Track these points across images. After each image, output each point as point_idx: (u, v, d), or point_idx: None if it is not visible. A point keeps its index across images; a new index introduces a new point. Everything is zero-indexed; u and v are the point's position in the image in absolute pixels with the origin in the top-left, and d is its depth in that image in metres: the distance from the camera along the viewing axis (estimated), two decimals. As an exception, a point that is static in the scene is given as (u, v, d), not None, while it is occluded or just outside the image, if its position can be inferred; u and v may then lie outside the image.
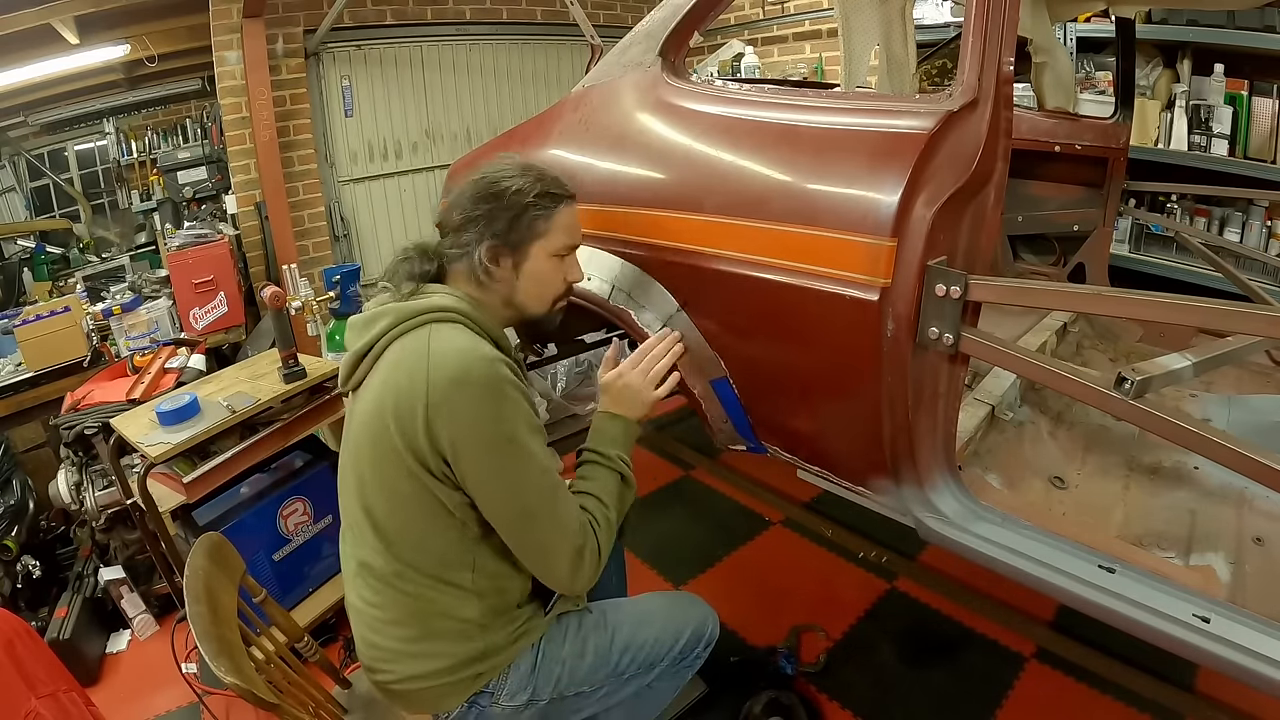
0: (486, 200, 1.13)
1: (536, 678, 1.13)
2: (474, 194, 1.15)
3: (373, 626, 1.11)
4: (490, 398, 1.01)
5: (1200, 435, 0.88)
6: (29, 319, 2.69)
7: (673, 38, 1.47)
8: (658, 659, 1.21)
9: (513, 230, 1.13)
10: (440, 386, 0.99)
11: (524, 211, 1.13)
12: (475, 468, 1.01)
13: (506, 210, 1.13)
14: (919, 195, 1.01)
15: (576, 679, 1.16)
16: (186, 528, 1.84)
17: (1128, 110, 2.21)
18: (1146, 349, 2.03)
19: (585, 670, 1.17)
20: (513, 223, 1.13)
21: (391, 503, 1.06)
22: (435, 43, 3.90)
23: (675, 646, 1.23)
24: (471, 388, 1.00)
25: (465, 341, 1.05)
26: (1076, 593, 1.03)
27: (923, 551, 2.16)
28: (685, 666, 1.26)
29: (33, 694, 1.27)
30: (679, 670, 1.25)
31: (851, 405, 1.17)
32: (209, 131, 3.93)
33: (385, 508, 1.07)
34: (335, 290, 2.64)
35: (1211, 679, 1.62)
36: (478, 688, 1.11)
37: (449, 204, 1.19)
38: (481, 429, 1.01)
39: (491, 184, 1.14)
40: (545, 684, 1.14)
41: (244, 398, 1.90)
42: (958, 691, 1.72)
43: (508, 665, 1.12)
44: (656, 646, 1.22)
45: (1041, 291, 1.23)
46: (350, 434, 1.12)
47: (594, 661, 1.18)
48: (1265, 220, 2.50)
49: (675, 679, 1.26)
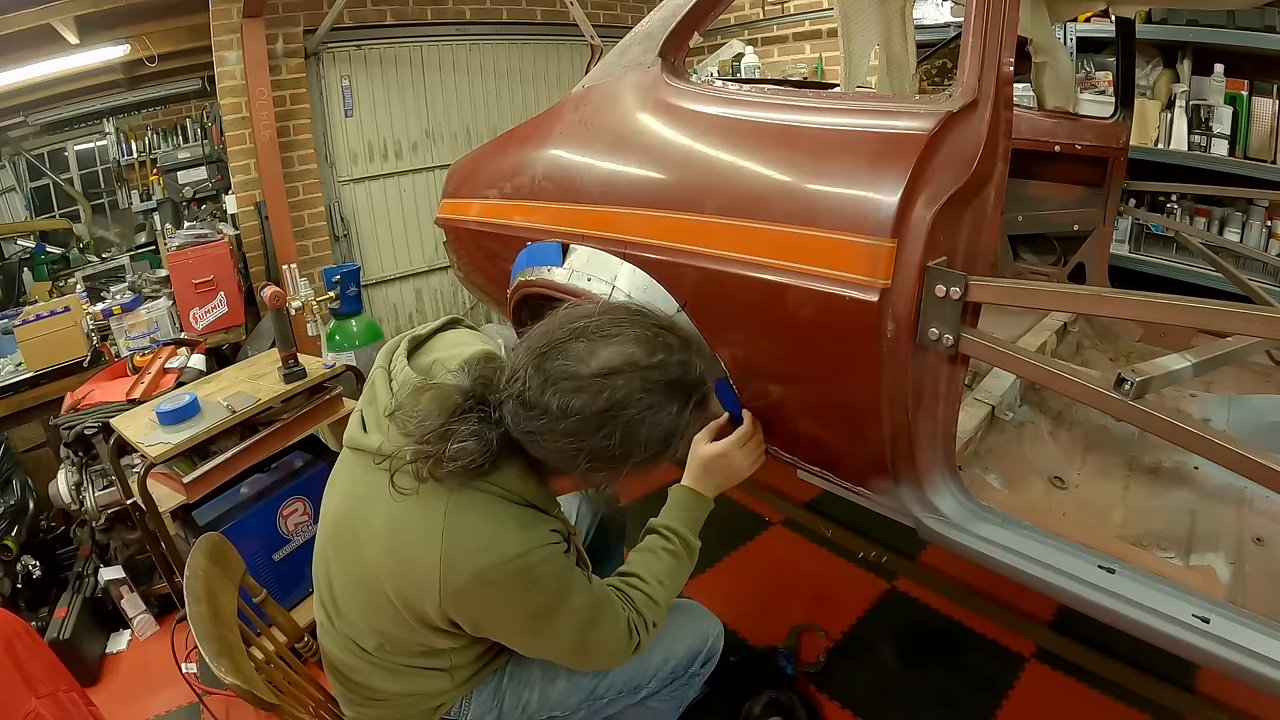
0: (625, 440, 0.85)
1: (502, 701, 1.09)
2: (608, 453, 0.86)
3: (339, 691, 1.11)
4: (517, 590, 0.89)
5: (1200, 436, 0.88)
6: (29, 319, 2.69)
7: (673, 38, 1.47)
8: (643, 681, 1.16)
9: (653, 463, 0.91)
10: (454, 586, 0.87)
11: (678, 442, 0.92)
12: (504, 638, 1.00)
13: (655, 454, 0.89)
14: (919, 196, 1.01)
15: (548, 702, 1.11)
16: (186, 528, 1.84)
17: (1128, 110, 2.21)
18: (1146, 349, 2.03)
19: (557, 694, 1.11)
20: (657, 457, 0.91)
21: (372, 633, 1.01)
22: (435, 43, 3.90)
23: (664, 668, 1.17)
24: (493, 585, 0.88)
25: (487, 531, 0.88)
26: (1076, 593, 1.03)
27: (923, 551, 2.16)
28: (682, 685, 1.20)
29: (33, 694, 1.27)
30: (676, 690, 1.20)
31: (851, 406, 1.17)
32: (209, 131, 3.93)
33: (364, 633, 1.02)
34: (335, 290, 2.64)
35: (1211, 679, 1.62)
36: (438, 717, 1.09)
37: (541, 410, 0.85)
38: (510, 617, 0.94)
39: (633, 419, 0.85)
40: (512, 708, 1.10)
41: (244, 398, 1.90)
42: (958, 691, 1.72)
43: (469, 692, 1.09)
44: (641, 668, 1.15)
45: (1041, 292, 1.23)
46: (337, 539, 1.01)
47: (567, 686, 1.12)
48: (1265, 220, 2.50)
49: (674, 698, 1.21)
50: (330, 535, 1.04)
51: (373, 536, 0.95)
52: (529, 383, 0.86)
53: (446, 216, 1.96)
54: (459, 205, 1.90)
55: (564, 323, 0.90)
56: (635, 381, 0.85)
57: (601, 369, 0.85)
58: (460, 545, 0.87)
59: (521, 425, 0.87)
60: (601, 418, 0.84)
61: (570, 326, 0.89)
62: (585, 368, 0.85)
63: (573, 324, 0.89)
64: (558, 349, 0.87)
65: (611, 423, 0.84)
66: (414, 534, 0.89)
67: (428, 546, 0.87)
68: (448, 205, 1.96)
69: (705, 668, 1.23)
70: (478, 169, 1.88)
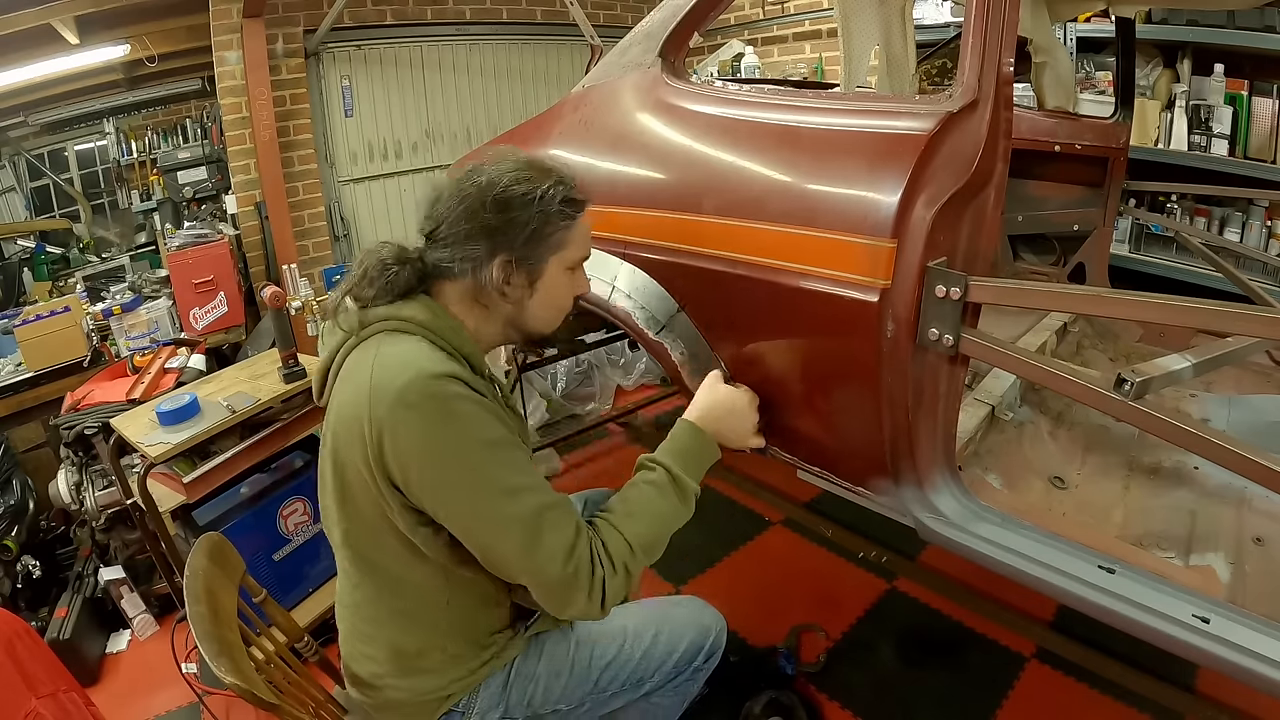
0: (499, 208, 0.97)
1: (509, 695, 1.09)
2: (480, 200, 0.98)
3: (352, 653, 1.11)
4: (436, 417, 0.89)
5: (1200, 436, 0.88)
6: (29, 319, 2.69)
7: (673, 38, 1.47)
8: (646, 675, 1.16)
9: (532, 245, 1.00)
10: (381, 409, 0.89)
11: (546, 223, 1.00)
12: (430, 495, 0.92)
13: (525, 222, 0.98)
14: (919, 196, 1.01)
15: (552, 697, 1.11)
16: (186, 528, 1.85)
17: (1128, 110, 2.21)
18: (1146, 349, 2.03)
19: (561, 688, 1.12)
20: (533, 236, 0.99)
21: (361, 531, 1.00)
22: (435, 43, 3.90)
23: (667, 662, 1.17)
24: (413, 409, 0.88)
25: (410, 354, 0.93)
26: (1076, 593, 1.03)
27: (923, 551, 2.16)
28: (685, 680, 1.20)
29: (33, 694, 1.27)
30: (679, 685, 1.20)
31: (851, 406, 1.17)
32: (209, 131, 3.93)
33: (356, 536, 1.02)
34: (335, 290, 2.64)
35: (1211, 679, 1.62)
36: (447, 707, 1.09)
37: (440, 209, 1.02)
38: (427, 452, 0.90)
39: (504, 189, 0.98)
40: (519, 702, 1.10)
41: (244, 398, 1.90)
42: (958, 692, 1.72)
43: (478, 684, 1.09)
44: (644, 663, 1.16)
45: (1041, 292, 1.23)
46: (321, 455, 1.03)
47: (571, 679, 1.12)
48: (1265, 220, 2.50)
49: (677, 694, 1.21)
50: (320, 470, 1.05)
51: (329, 412, 1.01)
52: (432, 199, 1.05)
53: (446, 216, 1.96)
54: (459, 205, 1.89)
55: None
56: (506, 164, 1.02)
57: (485, 159, 1.03)
58: (384, 370, 0.92)
59: (425, 228, 1.03)
60: (482, 190, 0.98)
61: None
62: (472, 164, 1.04)
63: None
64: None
65: (480, 176, 1.00)
66: (352, 379, 0.96)
67: (360, 383, 0.93)
68: (448, 205, 1.96)
69: (708, 663, 1.22)
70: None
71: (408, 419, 0.89)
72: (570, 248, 1.05)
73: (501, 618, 1.11)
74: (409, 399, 0.89)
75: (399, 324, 0.97)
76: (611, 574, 0.95)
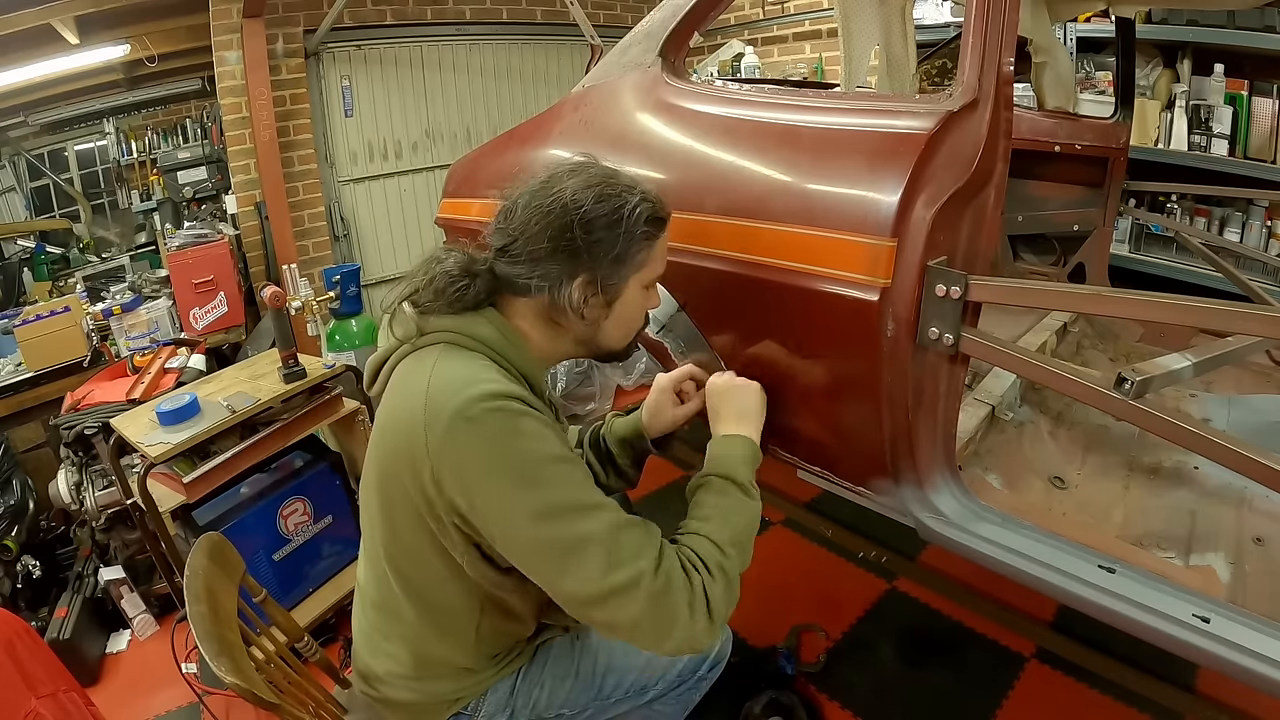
0: (583, 229, 0.92)
1: (515, 699, 1.10)
2: (563, 219, 0.92)
3: (369, 646, 1.11)
4: (500, 432, 0.84)
5: (1200, 435, 0.88)
6: (29, 319, 2.69)
7: (673, 38, 1.47)
8: (650, 683, 1.16)
9: (615, 266, 0.95)
10: (438, 430, 0.84)
11: (631, 243, 0.95)
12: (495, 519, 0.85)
13: (610, 244, 0.94)
14: (919, 196, 1.01)
15: (556, 701, 1.11)
16: (186, 528, 1.84)
17: (1128, 110, 2.21)
18: (1146, 349, 2.03)
19: (565, 693, 1.12)
20: (617, 258, 0.95)
21: (400, 545, 0.98)
22: (435, 43, 3.90)
23: (671, 670, 1.17)
24: (474, 422, 0.83)
25: (470, 373, 0.89)
26: (1076, 593, 1.03)
27: (923, 551, 2.16)
28: (689, 689, 1.20)
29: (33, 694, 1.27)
30: (682, 694, 1.20)
31: (851, 406, 1.17)
32: (209, 131, 3.93)
33: (394, 548, 0.99)
34: (335, 290, 2.64)
35: (1211, 679, 1.62)
36: (455, 710, 1.09)
37: (515, 223, 0.95)
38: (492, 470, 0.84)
39: (588, 209, 0.92)
40: (524, 705, 1.10)
41: (244, 398, 1.90)
42: (958, 691, 1.72)
43: (486, 689, 1.10)
44: (648, 670, 1.15)
45: (1041, 292, 1.23)
46: (367, 456, 1.01)
47: (576, 685, 1.12)
48: (1265, 220, 2.50)
49: (679, 702, 1.21)
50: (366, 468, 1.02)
51: (377, 423, 0.97)
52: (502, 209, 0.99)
53: (447, 216, 1.96)
54: (459, 205, 1.90)
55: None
56: (582, 171, 0.97)
57: (559, 170, 0.97)
58: (442, 383, 0.87)
59: (496, 242, 0.97)
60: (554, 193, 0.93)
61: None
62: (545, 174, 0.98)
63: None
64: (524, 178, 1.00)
65: (561, 193, 0.93)
66: (406, 390, 0.91)
67: (415, 395, 0.88)
68: (448, 205, 1.96)
69: (713, 672, 1.23)
70: (478, 169, 1.88)
71: (469, 434, 0.84)
72: (651, 265, 1.01)
73: (524, 632, 1.11)
74: (470, 413, 0.83)
75: (460, 339, 0.94)
76: (710, 579, 0.86)
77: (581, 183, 0.94)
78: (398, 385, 0.95)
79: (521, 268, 0.95)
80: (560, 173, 0.97)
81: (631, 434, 1.24)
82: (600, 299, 0.97)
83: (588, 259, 0.94)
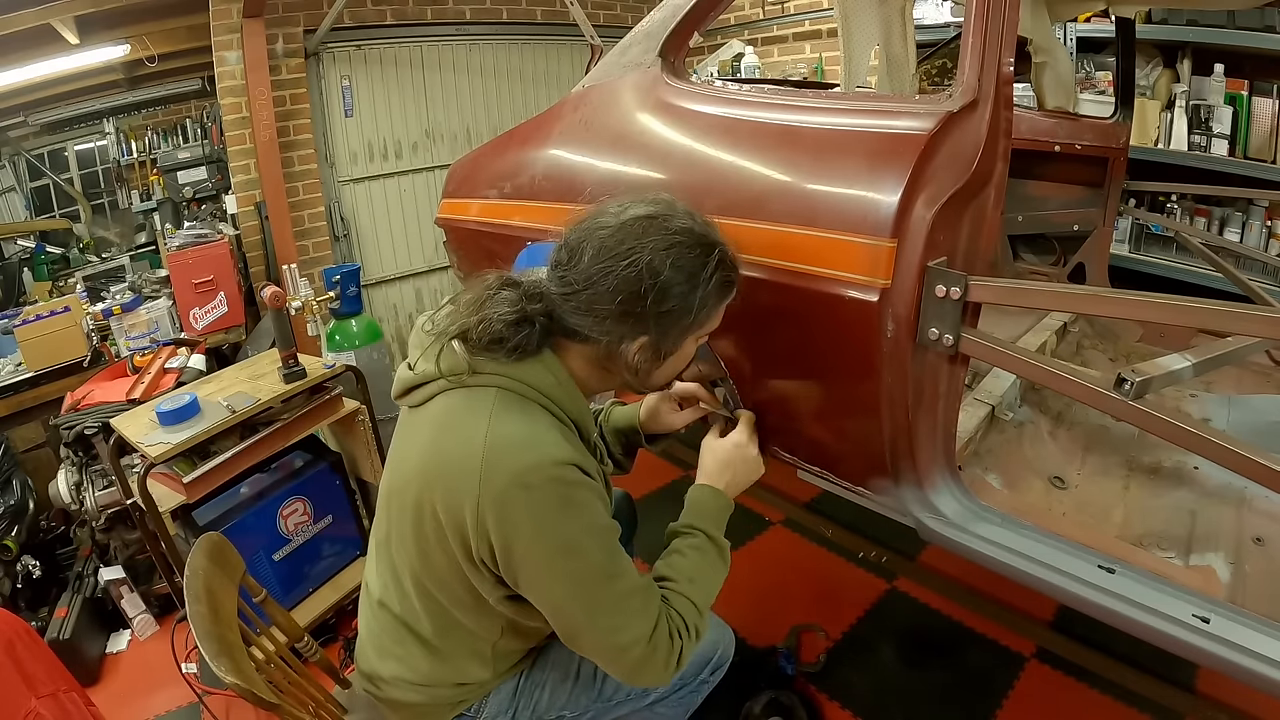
0: (656, 299, 0.91)
1: (517, 701, 1.12)
2: (637, 285, 0.90)
3: (378, 649, 1.11)
4: (554, 503, 0.88)
5: (1200, 436, 0.88)
6: (29, 319, 2.69)
7: (672, 38, 1.47)
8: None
9: (678, 334, 0.97)
10: (494, 487, 0.86)
11: (701, 310, 0.95)
12: (526, 574, 0.90)
13: (681, 314, 0.94)
14: (919, 196, 1.01)
15: (558, 703, 1.13)
16: (186, 528, 1.84)
17: (1128, 110, 2.21)
18: (1146, 349, 2.03)
19: (567, 695, 1.13)
20: (683, 328, 0.96)
21: (430, 572, 0.99)
22: (435, 43, 3.90)
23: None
24: (532, 490, 0.86)
25: (533, 435, 0.90)
26: (1076, 593, 1.03)
27: (923, 551, 2.16)
28: (690, 692, 1.21)
29: (33, 694, 1.27)
30: (684, 697, 1.21)
31: (851, 406, 1.17)
32: (209, 131, 3.93)
33: (423, 573, 1.00)
34: (335, 290, 2.64)
35: (1211, 679, 1.62)
36: (458, 711, 1.11)
37: (581, 272, 0.93)
38: (537, 536, 0.88)
39: (664, 280, 0.90)
40: (526, 707, 1.12)
41: (244, 398, 1.90)
42: (958, 692, 1.72)
43: (490, 691, 1.12)
44: None
45: (1041, 292, 1.23)
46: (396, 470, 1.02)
47: (578, 686, 1.14)
48: (1265, 220, 2.50)
49: (681, 705, 1.22)
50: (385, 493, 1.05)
51: (418, 450, 0.96)
52: (565, 246, 0.96)
53: (446, 216, 1.96)
54: (459, 205, 1.90)
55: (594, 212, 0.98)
56: (659, 225, 0.93)
57: (632, 217, 0.94)
58: (504, 440, 0.88)
59: (554, 287, 0.95)
60: (629, 251, 0.90)
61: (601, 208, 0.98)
62: (616, 219, 0.94)
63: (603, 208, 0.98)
64: (590, 218, 0.96)
65: (638, 255, 0.90)
66: (459, 432, 0.91)
67: (471, 442, 0.88)
68: (448, 205, 1.96)
69: (714, 675, 1.23)
70: (478, 169, 1.89)
71: (525, 500, 0.86)
72: (710, 324, 1.01)
73: (537, 645, 1.14)
74: (529, 480, 0.86)
75: (518, 385, 0.94)
76: (688, 641, 0.97)
77: (662, 244, 0.91)
78: (448, 423, 0.94)
79: (585, 319, 0.94)
80: (636, 222, 0.93)
81: (627, 426, 1.31)
82: (656, 354, 0.98)
83: (654, 327, 0.94)
